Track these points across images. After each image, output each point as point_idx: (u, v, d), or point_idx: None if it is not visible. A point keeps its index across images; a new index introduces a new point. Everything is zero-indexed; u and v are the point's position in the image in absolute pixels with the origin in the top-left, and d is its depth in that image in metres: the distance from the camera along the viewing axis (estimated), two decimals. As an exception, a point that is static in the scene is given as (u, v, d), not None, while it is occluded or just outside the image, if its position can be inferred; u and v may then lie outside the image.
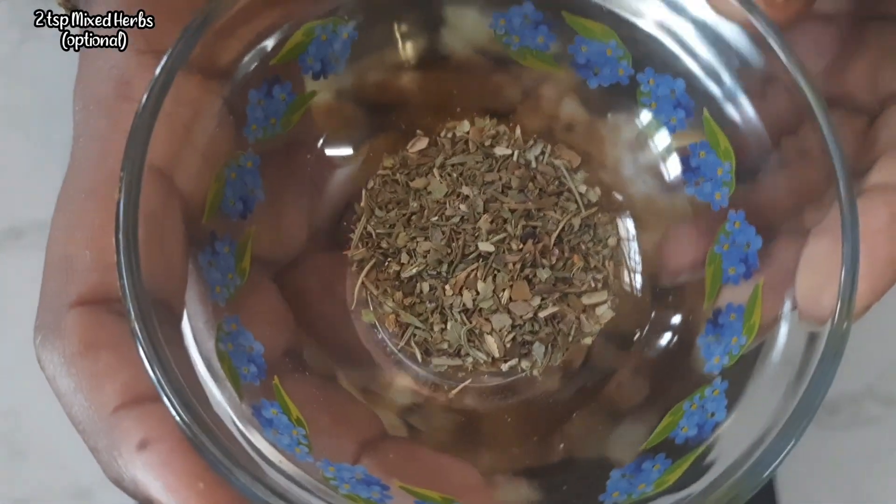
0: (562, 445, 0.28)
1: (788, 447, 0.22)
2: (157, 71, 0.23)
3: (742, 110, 0.26)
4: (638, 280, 0.29)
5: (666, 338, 0.28)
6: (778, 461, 0.22)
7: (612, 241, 0.29)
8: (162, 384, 0.21)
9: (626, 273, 0.29)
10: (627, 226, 0.30)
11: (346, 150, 0.29)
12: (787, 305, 0.25)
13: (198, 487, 0.20)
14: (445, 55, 0.29)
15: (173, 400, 0.21)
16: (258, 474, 0.21)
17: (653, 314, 0.29)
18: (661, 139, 0.28)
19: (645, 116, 0.28)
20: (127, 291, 0.21)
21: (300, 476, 0.23)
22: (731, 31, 0.25)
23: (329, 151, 0.29)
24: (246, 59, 0.25)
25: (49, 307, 0.23)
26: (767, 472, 0.22)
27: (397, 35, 0.29)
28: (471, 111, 0.30)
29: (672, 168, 0.28)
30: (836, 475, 0.45)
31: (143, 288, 0.21)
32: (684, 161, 0.28)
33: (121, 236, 0.21)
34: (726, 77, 0.26)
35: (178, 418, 0.21)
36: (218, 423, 0.22)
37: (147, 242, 0.22)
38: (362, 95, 0.29)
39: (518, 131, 0.30)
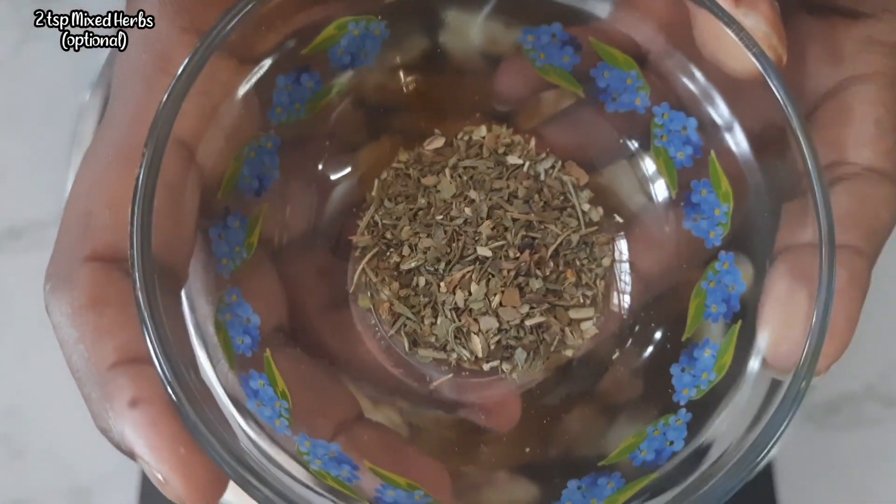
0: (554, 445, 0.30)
1: (732, 488, 0.23)
2: (194, 50, 0.24)
3: (747, 162, 0.27)
4: (626, 301, 0.30)
5: (644, 356, 0.30)
6: (722, 500, 0.24)
7: (606, 262, 0.30)
8: (155, 350, 0.22)
9: (615, 293, 0.31)
10: (622, 248, 0.31)
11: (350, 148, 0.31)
12: (758, 352, 0.26)
13: (178, 451, 0.22)
14: (467, 61, 0.30)
15: (163, 365, 0.22)
16: (233, 445, 0.23)
17: (635, 331, 0.30)
18: (667, 171, 0.29)
19: (655, 147, 0.29)
20: (135, 261, 0.22)
21: (273, 450, 0.24)
22: (747, 87, 0.26)
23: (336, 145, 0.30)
24: (280, 47, 0.27)
25: (63, 258, 0.24)
26: None
27: (426, 38, 0.30)
28: (474, 113, 0.31)
29: (673, 200, 0.29)
30: (836, 475, 0.45)
31: (151, 259, 0.22)
32: (686, 196, 0.29)
33: (136, 207, 0.23)
34: (737, 127, 0.27)
35: (165, 382, 0.22)
36: (203, 391, 0.23)
37: (162, 212, 0.23)
38: (379, 94, 0.30)
39: (533, 143, 0.31)
